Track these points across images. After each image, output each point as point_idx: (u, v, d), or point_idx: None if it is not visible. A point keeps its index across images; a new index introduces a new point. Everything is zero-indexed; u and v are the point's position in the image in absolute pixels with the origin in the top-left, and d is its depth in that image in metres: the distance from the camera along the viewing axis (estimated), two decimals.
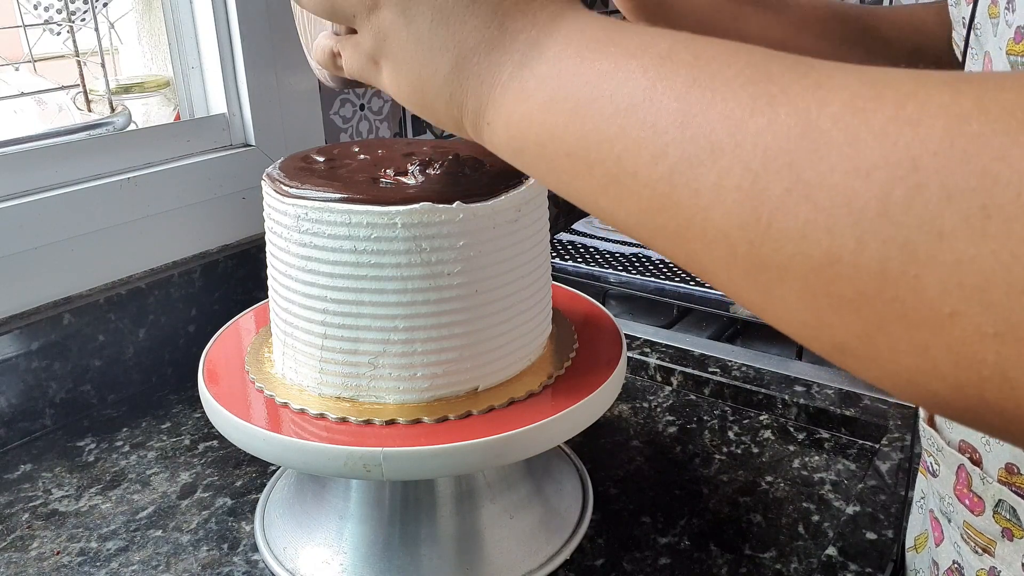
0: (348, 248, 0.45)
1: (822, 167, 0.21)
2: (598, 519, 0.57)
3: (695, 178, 0.24)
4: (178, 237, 0.79)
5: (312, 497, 0.54)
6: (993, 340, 0.18)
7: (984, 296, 0.18)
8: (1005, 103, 0.19)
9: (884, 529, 0.55)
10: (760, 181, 0.23)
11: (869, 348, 0.21)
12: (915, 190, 0.19)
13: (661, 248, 0.28)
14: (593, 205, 0.30)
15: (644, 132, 0.26)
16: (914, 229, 0.19)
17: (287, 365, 0.50)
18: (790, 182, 0.22)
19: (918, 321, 0.20)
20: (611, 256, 1.01)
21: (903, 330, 0.20)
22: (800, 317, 0.23)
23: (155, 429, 0.70)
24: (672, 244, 0.27)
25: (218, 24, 0.80)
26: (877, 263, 0.20)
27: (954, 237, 0.19)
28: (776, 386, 0.72)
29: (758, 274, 0.23)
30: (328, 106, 0.92)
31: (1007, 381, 0.19)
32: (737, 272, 0.24)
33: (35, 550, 0.55)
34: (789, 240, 0.22)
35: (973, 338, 0.19)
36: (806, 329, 0.23)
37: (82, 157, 0.73)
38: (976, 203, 0.18)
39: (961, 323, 0.19)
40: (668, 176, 0.25)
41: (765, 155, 0.23)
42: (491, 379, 0.49)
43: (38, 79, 0.91)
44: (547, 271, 0.53)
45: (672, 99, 0.26)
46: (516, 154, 0.33)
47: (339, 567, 0.50)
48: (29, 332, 0.67)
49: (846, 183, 0.21)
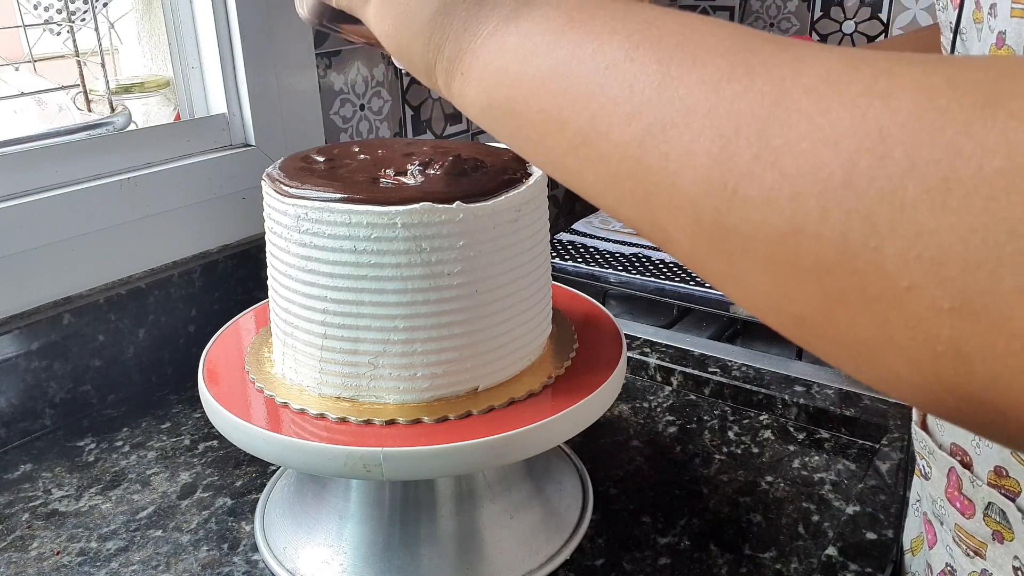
0: (348, 248, 0.45)
1: (791, 135, 0.21)
2: (598, 519, 0.57)
3: (666, 140, 0.24)
4: (178, 237, 0.79)
5: (312, 497, 0.54)
6: (948, 315, 0.18)
7: (941, 270, 0.18)
8: (975, 80, 0.19)
9: (884, 529, 0.55)
10: (730, 147, 0.23)
11: (827, 320, 0.21)
12: (880, 160, 0.19)
13: (625, 215, 0.27)
14: (559, 166, 0.29)
15: (621, 91, 0.26)
16: (877, 200, 0.19)
17: (287, 365, 0.50)
18: (759, 148, 0.22)
19: (876, 294, 0.20)
20: (611, 256, 1.01)
21: (861, 302, 0.20)
22: (762, 288, 0.23)
23: (155, 429, 0.70)
24: (637, 210, 0.26)
25: (218, 24, 0.80)
26: (839, 233, 0.20)
27: (915, 209, 0.19)
28: (776, 386, 0.72)
29: (722, 243, 0.23)
30: (328, 106, 0.92)
31: (960, 356, 0.18)
32: (702, 241, 0.24)
33: (35, 550, 0.55)
34: (754, 208, 0.22)
35: (928, 312, 0.19)
36: (767, 300, 0.23)
37: (82, 157, 0.73)
38: (938, 175, 0.18)
39: (918, 297, 0.19)
40: (640, 138, 0.25)
41: (737, 121, 0.23)
42: (491, 379, 0.49)
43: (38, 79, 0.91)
44: (547, 271, 0.53)
45: (653, 61, 0.26)
46: (485, 110, 0.32)
47: (339, 567, 0.50)
48: (29, 332, 0.67)
49: (814, 151, 0.21)
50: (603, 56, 0.27)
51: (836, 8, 1.45)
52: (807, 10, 1.49)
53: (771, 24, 1.54)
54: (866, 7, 1.43)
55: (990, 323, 0.18)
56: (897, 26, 1.39)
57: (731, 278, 0.24)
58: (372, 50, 0.96)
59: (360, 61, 0.95)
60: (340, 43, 0.92)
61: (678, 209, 0.24)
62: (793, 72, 0.22)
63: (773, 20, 1.53)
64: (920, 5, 1.37)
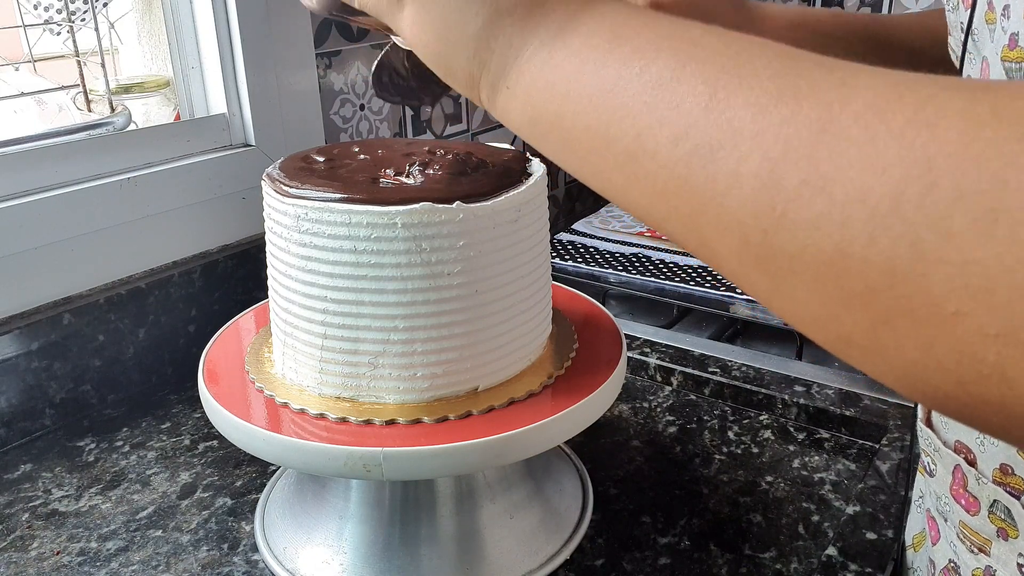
0: (348, 248, 0.45)
1: (840, 161, 0.22)
2: (598, 519, 0.57)
3: (713, 162, 0.25)
4: (178, 237, 0.79)
5: (312, 497, 0.54)
6: (995, 340, 0.19)
7: (988, 298, 0.19)
8: (1019, 111, 0.19)
9: (884, 529, 0.55)
10: (778, 171, 0.23)
11: (874, 342, 0.22)
12: (928, 189, 0.20)
13: (672, 231, 0.28)
14: (605, 183, 0.30)
15: (668, 111, 0.26)
16: (924, 227, 0.20)
17: (287, 365, 0.50)
18: (807, 174, 0.22)
19: (923, 318, 0.20)
20: (611, 256, 1.01)
21: (908, 326, 0.20)
22: (808, 309, 0.23)
23: (155, 429, 0.70)
24: (684, 228, 0.27)
25: (218, 24, 0.80)
26: (887, 259, 0.20)
27: (962, 238, 0.19)
28: (776, 386, 0.72)
29: (769, 264, 0.24)
30: (328, 106, 0.92)
31: (1006, 380, 0.19)
32: (748, 261, 0.25)
33: (35, 550, 0.55)
34: (802, 231, 0.22)
35: (975, 337, 0.19)
36: (813, 321, 0.24)
37: (82, 157, 0.73)
38: (985, 205, 0.19)
39: (965, 322, 0.19)
40: (687, 158, 0.25)
41: (785, 145, 0.23)
42: (491, 379, 0.49)
43: (38, 79, 0.91)
44: (547, 271, 0.53)
45: (700, 82, 0.26)
46: (530, 124, 0.33)
47: (339, 567, 0.50)
48: (29, 332, 0.67)
49: (862, 178, 0.21)
50: (649, 75, 0.27)
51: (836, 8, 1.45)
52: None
53: None
54: (866, 7, 1.43)
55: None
56: None
57: (777, 297, 0.25)
58: (372, 51, 0.96)
59: (360, 61, 0.95)
60: (340, 43, 0.92)
61: (725, 229, 0.25)
62: (840, 98, 0.23)
63: None
64: (920, 5, 1.37)
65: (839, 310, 0.22)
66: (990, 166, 0.19)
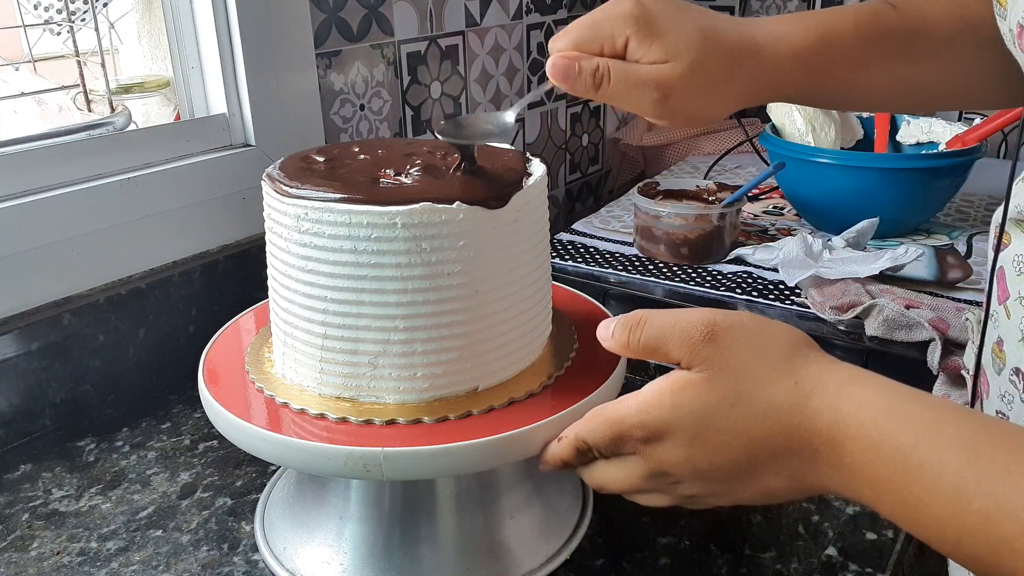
0: (348, 248, 0.45)
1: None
2: (598, 519, 0.57)
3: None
4: (178, 237, 0.79)
5: (312, 497, 0.54)
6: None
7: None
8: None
9: (884, 529, 0.55)
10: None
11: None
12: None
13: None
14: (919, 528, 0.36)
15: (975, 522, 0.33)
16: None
17: (287, 365, 0.50)
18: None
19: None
20: (611, 256, 1.01)
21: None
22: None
23: (155, 429, 0.70)
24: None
25: (218, 24, 0.80)
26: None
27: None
28: None
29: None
30: (328, 106, 0.92)
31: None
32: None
33: (35, 550, 0.55)
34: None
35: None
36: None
37: (82, 157, 0.73)
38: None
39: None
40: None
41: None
42: (491, 379, 0.49)
43: (38, 79, 0.91)
44: (547, 271, 0.53)
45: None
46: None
47: (339, 567, 0.50)
48: (29, 332, 0.67)
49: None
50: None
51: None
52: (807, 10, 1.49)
53: None
54: None
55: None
56: None
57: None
58: (372, 50, 0.96)
59: (360, 61, 0.95)
60: (340, 43, 0.92)
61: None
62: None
63: None
64: None
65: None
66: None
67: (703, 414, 0.40)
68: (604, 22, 0.49)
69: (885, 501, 0.36)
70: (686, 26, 0.49)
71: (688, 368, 0.41)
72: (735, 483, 0.41)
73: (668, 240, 0.97)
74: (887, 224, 0.97)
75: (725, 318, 0.41)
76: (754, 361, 0.39)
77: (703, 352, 0.40)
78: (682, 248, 0.96)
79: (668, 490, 0.43)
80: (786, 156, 1.02)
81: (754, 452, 0.39)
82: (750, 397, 0.39)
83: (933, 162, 0.97)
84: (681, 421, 0.40)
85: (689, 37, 0.49)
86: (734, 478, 0.40)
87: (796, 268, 0.88)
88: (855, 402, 0.37)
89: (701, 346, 0.40)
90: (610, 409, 0.43)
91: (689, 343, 0.40)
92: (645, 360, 0.43)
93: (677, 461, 0.41)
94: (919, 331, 0.75)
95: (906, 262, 0.86)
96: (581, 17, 0.51)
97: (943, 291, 0.87)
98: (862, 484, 0.37)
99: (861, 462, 0.36)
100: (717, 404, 0.39)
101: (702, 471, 0.41)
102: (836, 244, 0.92)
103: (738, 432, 0.39)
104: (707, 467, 0.40)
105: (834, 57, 0.54)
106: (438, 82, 1.07)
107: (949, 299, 0.83)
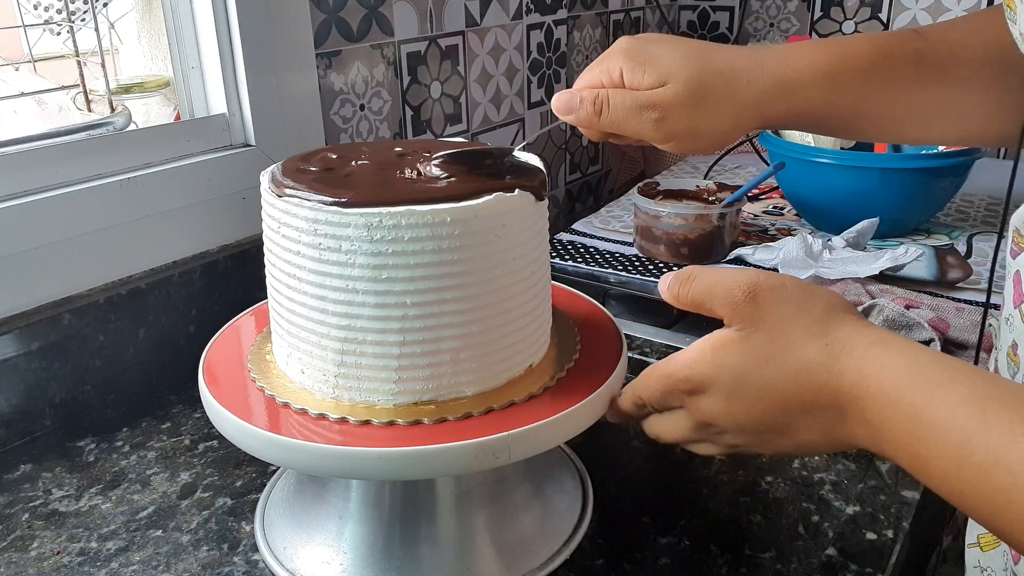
0: (348, 249, 0.44)
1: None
2: (598, 519, 0.57)
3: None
4: (178, 237, 0.79)
5: (312, 497, 0.54)
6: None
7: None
8: None
9: (884, 529, 0.55)
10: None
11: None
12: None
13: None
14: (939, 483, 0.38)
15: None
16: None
17: (287, 365, 0.50)
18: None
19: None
20: (611, 256, 1.01)
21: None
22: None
23: (155, 429, 0.70)
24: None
25: (218, 24, 0.80)
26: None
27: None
28: None
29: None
30: (328, 106, 0.92)
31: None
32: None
33: (35, 550, 0.55)
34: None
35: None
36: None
37: (82, 157, 0.73)
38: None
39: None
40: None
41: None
42: (491, 381, 0.49)
43: (38, 79, 0.90)
44: (547, 271, 0.53)
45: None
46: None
47: (339, 567, 0.50)
48: (29, 332, 0.67)
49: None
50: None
51: (836, 8, 1.45)
52: (807, 10, 1.49)
53: (771, 24, 1.54)
54: (866, 7, 1.42)
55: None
56: (897, 26, 1.39)
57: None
58: (372, 50, 0.96)
59: (360, 61, 0.95)
60: (340, 43, 0.92)
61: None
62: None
63: (773, 20, 1.53)
64: (920, 5, 1.37)
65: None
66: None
67: (740, 370, 0.43)
68: (601, 62, 0.54)
69: (901, 455, 0.39)
70: (678, 50, 0.52)
71: (729, 325, 0.44)
72: (773, 435, 0.44)
73: (668, 240, 0.97)
74: (887, 224, 0.97)
75: (768, 279, 0.44)
76: (791, 322, 0.42)
77: (743, 311, 0.43)
78: (682, 248, 0.97)
79: (715, 439, 0.46)
80: (786, 156, 1.02)
81: (786, 407, 0.42)
82: (784, 355, 0.42)
83: (933, 162, 0.97)
84: (720, 376, 0.43)
85: (683, 58, 0.52)
86: (771, 430, 0.43)
87: (796, 268, 0.88)
88: (878, 363, 0.39)
89: (742, 305, 0.43)
90: (660, 367, 0.47)
91: (731, 302, 0.43)
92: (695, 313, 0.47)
93: (719, 413, 0.44)
94: (919, 331, 0.75)
95: (906, 262, 0.86)
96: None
97: (943, 291, 0.87)
98: (882, 440, 0.39)
99: (880, 419, 0.39)
100: (753, 361, 0.42)
101: (741, 423, 0.44)
102: (836, 244, 0.92)
103: (771, 388, 0.42)
104: (745, 419, 0.43)
105: (851, 72, 0.53)
106: (438, 82, 1.07)
107: (949, 299, 0.83)
